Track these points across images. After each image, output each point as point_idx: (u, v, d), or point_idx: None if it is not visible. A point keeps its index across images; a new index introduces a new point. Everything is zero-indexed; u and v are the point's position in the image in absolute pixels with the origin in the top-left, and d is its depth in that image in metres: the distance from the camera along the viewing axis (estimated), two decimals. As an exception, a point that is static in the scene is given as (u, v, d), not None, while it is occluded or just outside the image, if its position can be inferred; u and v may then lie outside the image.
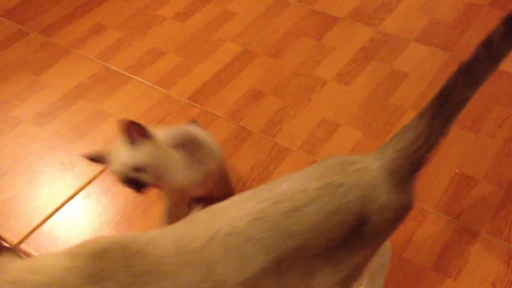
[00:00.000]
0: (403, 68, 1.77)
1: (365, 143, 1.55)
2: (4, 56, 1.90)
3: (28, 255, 1.33)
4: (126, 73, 1.81)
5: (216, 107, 1.68)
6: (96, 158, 1.15)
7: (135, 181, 1.12)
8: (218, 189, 1.35)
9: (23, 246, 1.35)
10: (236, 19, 2.00)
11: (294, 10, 2.03)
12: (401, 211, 0.93)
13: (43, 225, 1.40)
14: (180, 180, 1.20)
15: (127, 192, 1.45)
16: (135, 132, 1.11)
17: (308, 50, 1.86)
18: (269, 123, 1.63)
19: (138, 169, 1.11)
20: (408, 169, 0.91)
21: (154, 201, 1.42)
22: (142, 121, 1.66)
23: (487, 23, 1.91)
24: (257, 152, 1.55)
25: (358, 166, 0.91)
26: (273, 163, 1.52)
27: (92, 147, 1.58)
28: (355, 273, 0.94)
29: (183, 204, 1.28)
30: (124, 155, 1.11)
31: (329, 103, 1.68)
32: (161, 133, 1.20)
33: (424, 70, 1.76)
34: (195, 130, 1.30)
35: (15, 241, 1.36)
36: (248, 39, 1.92)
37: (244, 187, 1.46)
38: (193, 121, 1.50)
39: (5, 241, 1.35)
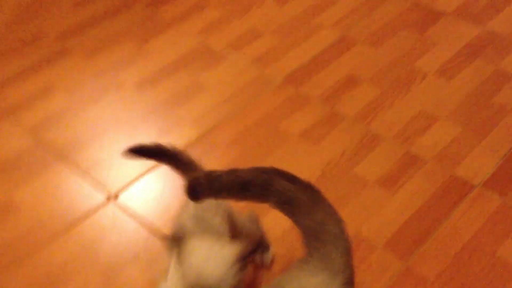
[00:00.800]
0: (510, 69, 1.69)
1: (463, 140, 1.50)
2: (110, 24, 2.00)
3: (123, 206, 1.40)
4: (224, 50, 1.85)
5: (311, 90, 1.68)
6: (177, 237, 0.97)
7: None
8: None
9: (121, 198, 1.42)
10: (337, 6, 1.99)
11: (397, 2, 1.98)
12: None
13: (139, 179, 1.47)
14: None
15: (220, 161, 1.49)
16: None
17: (410, 42, 1.81)
18: (363, 111, 1.60)
19: None
20: None
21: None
22: (236, 99, 1.71)
23: None
24: (349, 138, 1.53)
25: None
26: (364, 150, 1.50)
27: (188, 116, 1.63)
28: None
29: None
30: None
31: (428, 96, 1.63)
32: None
33: (534, 73, 1.67)
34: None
35: (113, 191, 1.45)
36: (348, 26, 1.90)
37: (333, 170, 1.45)
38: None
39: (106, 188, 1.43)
